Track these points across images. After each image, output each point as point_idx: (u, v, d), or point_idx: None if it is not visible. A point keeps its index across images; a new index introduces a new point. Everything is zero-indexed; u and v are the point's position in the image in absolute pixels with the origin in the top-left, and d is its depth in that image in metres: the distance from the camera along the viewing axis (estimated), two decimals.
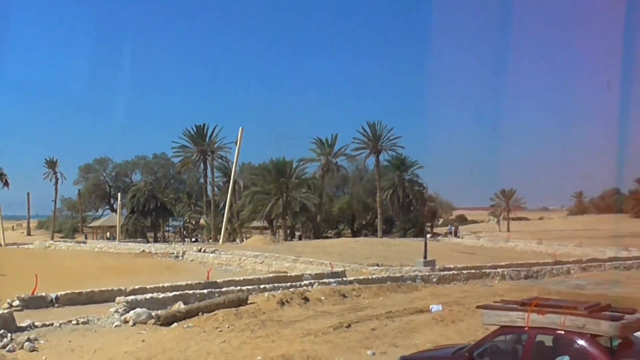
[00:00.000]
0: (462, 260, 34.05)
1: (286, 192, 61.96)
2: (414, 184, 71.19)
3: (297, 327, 14.95)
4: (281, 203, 61.48)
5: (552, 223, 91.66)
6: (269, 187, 62.77)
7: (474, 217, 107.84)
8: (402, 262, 31.10)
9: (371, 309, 17.65)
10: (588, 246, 44.55)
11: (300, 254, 35.65)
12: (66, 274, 27.24)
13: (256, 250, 38.49)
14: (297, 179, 65.01)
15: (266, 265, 32.04)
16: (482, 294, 20.73)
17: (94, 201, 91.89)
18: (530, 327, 8.42)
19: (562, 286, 24.70)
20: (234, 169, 58.15)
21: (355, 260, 32.55)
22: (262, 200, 62.74)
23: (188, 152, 70.19)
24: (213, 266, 31.05)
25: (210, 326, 15.15)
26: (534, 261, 33.35)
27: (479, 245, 51.22)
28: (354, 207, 75.28)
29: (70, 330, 14.87)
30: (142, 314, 16.04)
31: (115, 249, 45.07)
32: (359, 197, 75.43)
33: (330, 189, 78.47)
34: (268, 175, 64.18)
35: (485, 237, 60.29)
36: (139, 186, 76.60)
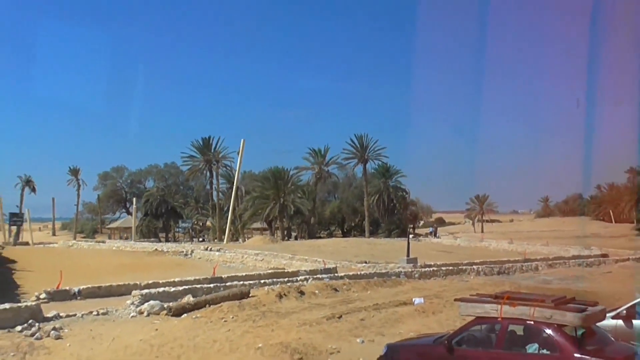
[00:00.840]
0: (441, 258, 34.09)
1: (283, 197, 61.94)
2: (398, 190, 71.31)
3: (293, 318, 14.94)
4: (279, 207, 61.46)
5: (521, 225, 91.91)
6: (267, 192, 62.70)
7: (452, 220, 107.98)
8: (387, 260, 31.12)
9: (360, 302, 17.64)
10: (554, 245, 44.72)
11: (296, 253, 35.61)
12: (87, 270, 27.11)
13: (257, 249, 38.40)
14: (293, 186, 65.01)
15: (266, 262, 31.98)
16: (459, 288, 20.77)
17: (112, 205, 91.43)
18: (503, 318, 8.45)
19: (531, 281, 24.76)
20: (236, 177, 58.08)
21: (346, 258, 32.54)
22: (261, 205, 62.68)
23: (195, 161, 69.99)
24: (218, 263, 30.96)
25: (216, 317, 15.11)
26: (505, 259, 33.45)
27: (456, 245, 51.30)
28: (344, 211, 75.30)
29: (91, 320, 14.81)
30: (155, 306, 15.98)
31: (130, 248, 44.84)
32: (349, 201, 75.42)
33: (323, 194, 78.42)
34: (267, 182, 64.16)
35: (461, 238, 60.40)
36: (152, 192, 76.37)
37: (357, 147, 67.38)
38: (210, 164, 68.68)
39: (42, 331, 13.11)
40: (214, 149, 68.64)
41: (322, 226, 76.14)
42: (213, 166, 68.83)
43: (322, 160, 69.08)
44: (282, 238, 60.29)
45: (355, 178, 78.31)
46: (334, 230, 78.36)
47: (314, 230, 69.58)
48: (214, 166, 68.84)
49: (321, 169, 69.07)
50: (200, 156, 69.06)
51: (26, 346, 11.94)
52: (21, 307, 14.23)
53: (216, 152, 68.50)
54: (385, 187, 69.46)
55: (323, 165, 69.28)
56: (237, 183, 58.98)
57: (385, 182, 69.91)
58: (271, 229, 66.28)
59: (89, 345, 12.32)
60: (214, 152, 68.48)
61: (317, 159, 69.05)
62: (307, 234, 67.48)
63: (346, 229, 77.20)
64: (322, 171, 69.31)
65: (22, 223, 63.49)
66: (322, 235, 71.42)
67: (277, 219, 63.28)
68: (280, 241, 53.85)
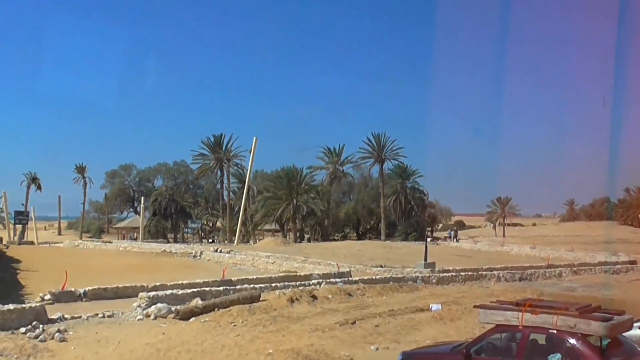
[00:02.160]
0: (460, 262, 33.91)
1: (296, 197, 61.98)
2: (415, 191, 71.00)
3: (305, 323, 14.94)
4: (291, 208, 61.50)
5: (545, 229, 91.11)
6: (280, 193, 62.79)
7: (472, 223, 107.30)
8: (403, 264, 31.04)
9: (375, 307, 17.60)
10: (579, 251, 44.30)
11: (309, 255, 35.61)
12: (93, 271, 27.33)
13: (268, 251, 38.46)
14: (307, 186, 65.00)
15: (277, 265, 32.01)
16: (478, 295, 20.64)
17: (119, 204, 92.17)
18: (524, 326, 8.37)
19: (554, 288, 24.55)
20: (248, 176, 58.29)
21: (360, 262, 32.49)
22: (273, 205, 62.78)
23: (206, 159, 70.35)
24: (228, 265, 31.05)
25: (225, 321, 15.16)
26: (527, 264, 33.17)
27: (476, 249, 50.99)
28: (359, 212, 75.11)
29: (97, 322, 14.92)
30: (163, 309, 16.06)
31: (138, 249, 45.13)
32: (364, 202, 75.23)
33: (337, 195, 78.34)
34: (279, 182, 64.26)
35: (482, 242, 60.01)
36: (161, 191, 76.83)
37: (374, 147, 67.27)
38: (221, 163, 68.99)
39: (46, 333, 13.22)
40: (225, 147, 68.96)
41: (336, 228, 76.07)
42: (224, 165, 69.14)
43: (337, 159, 69.02)
44: (295, 240, 60.31)
45: (371, 178, 78.19)
46: (349, 233, 78.22)
47: (328, 233, 69.53)
48: (225, 165, 69.15)
49: (336, 168, 69.02)
50: (211, 154, 69.38)
51: (30, 348, 12.05)
52: (25, 308, 14.35)
53: (227, 151, 68.81)
54: (403, 188, 69.24)
55: (338, 164, 69.24)
56: (249, 182, 59.17)
57: (403, 183, 69.70)
58: (283, 230, 66.36)
59: (94, 349, 12.41)
60: (225, 150, 68.78)
61: (331, 158, 69.01)
62: (321, 236, 67.45)
63: (361, 231, 77.06)
64: (337, 171, 69.25)
65: (28, 222, 64.06)
66: (336, 238, 71.36)
67: (290, 221, 63.34)
68: (293, 243, 53.89)
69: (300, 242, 59.27)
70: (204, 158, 70.50)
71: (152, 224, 72.64)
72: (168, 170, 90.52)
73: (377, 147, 67.03)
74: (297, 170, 64.44)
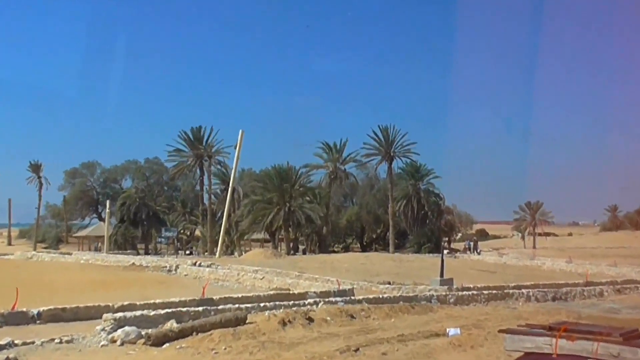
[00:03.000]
0: (482, 279, 33.92)
1: (289, 201, 62.04)
2: (430, 195, 71.16)
3: (300, 350, 14.90)
4: (284, 213, 61.54)
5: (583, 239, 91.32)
6: (270, 195, 62.84)
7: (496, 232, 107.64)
8: (416, 280, 31.02)
9: (382, 332, 17.58)
10: (624, 266, 44.30)
11: (304, 270, 35.61)
12: (49, 287, 27.26)
13: (256, 265, 38.46)
14: (302, 187, 65.14)
15: (267, 281, 31.99)
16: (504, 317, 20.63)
17: (81, 209, 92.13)
18: (559, 355, 8.34)
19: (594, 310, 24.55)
20: (232, 176, 58.30)
21: (365, 278, 32.49)
22: (263, 210, 62.77)
23: (183, 156, 70.45)
24: (209, 281, 31.00)
25: (205, 347, 15.11)
26: (562, 281, 33.18)
27: (501, 263, 51.04)
28: (364, 219, 75.24)
29: (53, 349, 14.86)
30: (131, 333, 16.01)
31: (102, 262, 45.10)
32: (369, 207, 75.38)
33: (338, 198, 78.47)
34: (270, 182, 64.29)
35: (508, 254, 60.10)
36: (130, 193, 76.75)
37: (381, 142, 67.43)
38: (201, 160, 69.09)
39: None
40: (206, 141, 69.07)
41: (336, 238, 76.17)
42: (204, 163, 69.27)
43: (338, 156, 69.16)
44: (288, 252, 60.37)
45: (378, 179, 78.40)
46: (351, 243, 78.33)
47: (327, 243, 69.62)
48: (206, 163, 69.27)
49: (336, 167, 69.13)
50: (189, 150, 69.48)
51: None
52: None
53: (209, 146, 68.90)
54: (415, 191, 69.39)
55: (339, 162, 69.39)
56: (234, 184, 59.21)
57: (415, 184, 69.86)
58: (274, 240, 66.40)
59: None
60: (206, 145, 68.87)
61: (331, 156, 69.13)
62: (318, 247, 67.52)
63: (366, 241, 77.14)
64: (338, 170, 69.34)
65: None
66: (336, 249, 71.44)
67: (282, 229, 63.39)
68: (285, 255, 53.94)
69: (294, 254, 59.28)
70: (181, 155, 70.59)
71: (119, 233, 72.52)
72: (138, 168, 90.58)
73: (385, 143, 67.21)
74: (290, 168, 64.58)
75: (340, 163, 69.59)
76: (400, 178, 71.16)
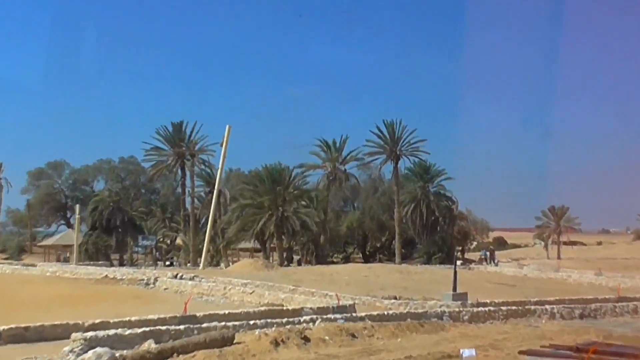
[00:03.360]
0: (500, 293, 33.90)
1: (283, 206, 62.05)
2: (441, 198, 71.26)
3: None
4: (276, 219, 61.52)
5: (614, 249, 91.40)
6: (261, 199, 62.84)
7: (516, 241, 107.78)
8: (425, 295, 31.01)
9: (387, 353, 17.57)
10: None
11: (300, 283, 35.58)
12: (11, 303, 27.17)
13: (245, 278, 38.40)
14: (297, 190, 65.19)
15: (257, 296, 31.96)
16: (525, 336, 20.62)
17: (46, 214, 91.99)
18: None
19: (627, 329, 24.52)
20: (218, 177, 58.18)
21: (368, 292, 32.47)
22: (253, 216, 62.80)
23: (163, 155, 70.42)
24: (192, 296, 30.95)
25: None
26: (591, 296, 33.15)
27: (521, 276, 51.04)
28: (367, 226, 75.27)
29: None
30: (104, 355, 15.97)
31: (71, 274, 44.96)
32: (373, 213, 75.40)
33: (338, 202, 78.53)
34: (261, 184, 64.31)
35: (529, 265, 60.07)
36: (102, 196, 76.68)
37: (386, 139, 67.53)
38: (182, 159, 69.10)
39: None
40: (188, 138, 69.11)
41: (335, 247, 76.22)
42: (187, 162, 69.27)
43: (338, 155, 69.26)
44: (281, 263, 60.36)
45: (382, 181, 78.51)
46: (352, 253, 78.35)
47: (325, 253, 69.69)
48: (188, 162, 69.27)
49: (336, 167, 69.22)
50: (170, 148, 69.50)
51: None
52: None
53: (191, 143, 68.93)
54: (424, 194, 69.48)
55: (338, 162, 69.52)
56: (220, 186, 59.09)
57: (425, 187, 69.96)
58: (265, 249, 66.40)
59: None
60: (189, 142, 68.93)
61: (330, 154, 69.22)
62: (315, 258, 67.53)
63: (369, 250, 77.18)
64: (337, 171, 69.45)
65: None
66: (335, 260, 71.47)
67: (274, 236, 63.39)
68: (278, 267, 53.88)
69: (287, 266, 59.28)
70: (160, 153, 70.58)
71: (90, 241, 72.43)
72: (112, 169, 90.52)
73: (391, 140, 67.34)
74: (284, 169, 64.67)
75: (340, 163, 69.67)
76: (408, 180, 71.20)
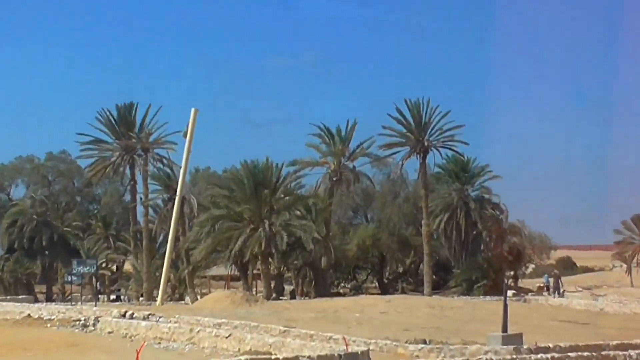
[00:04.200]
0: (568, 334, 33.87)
1: (269, 217, 61.77)
2: (485, 205, 71.13)
3: None
4: (261, 236, 61.20)
5: None
6: (240, 208, 62.59)
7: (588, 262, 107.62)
8: (465, 337, 31.00)
9: None
10: None
11: (294, 322, 35.49)
12: None
13: (219, 316, 38.32)
14: (289, 196, 64.91)
15: (236, 340, 31.85)
16: None
17: None
18: None
19: None
20: (181, 179, 58.07)
21: (387, 334, 32.38)
22: (228, 231, 62.49)
23: (105, 149, 70.28)
24: (146, 342, 30.90)
25: None
26: None
27: (596, 310, 50.98)
28: (384, 244, 74.92)
29: None
30: None
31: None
32: (393, 226, 75.21)
33: (344, 212, 78.53)
34: (239, 188, 63.97)
35: (607, 296, 59.95)
36: (23, 207, 76.62)
37: (409, 125, 67.28)
38: (132, 156, 68.91)
39: None
40: (140, 127, 68.83)
41: (342, 273, 76.15)
42: (138, 159, 68.94)
43: (344, 148, 68.85)
44: (268, 295, 60.17)
45: (405, 183, 78.25)
46: (365, 281, 78.25)
47: (327, 281, 69.47)
48: (141, 159, 68.93)
49: (341, 164, 68.93)
50: (114, 140, 69.32)
51: None
52: None
53: (145, 133, 68.78)
54: (463, 200, 69.34)
55: (345, 157, 69.18)
56: (183, 191, 58.98)
57: (462, 190, 69.91)
58: (246, 277, 66.31)
59: None
60: (141, 132, 68.70)
61: (333, 147, 68.82)
62: (315, 288, 67.46)
63: (388, 278, 77.20)
64: (343, 169, 69.13)
65: None
66: (342, 291, 71.37)
67: (258, 259, 63.22)
68: (264, 301, 53.74)
69: (277, 299, 59.24)
70: (102, 147, 70.51)
71: (6, 268, 72.37)
72: (36, 168, 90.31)
73: (416, 126, 67.03)
74: (270, 167, 64.12)
75: (347, 158, 69.31)
76: (440, 180, 71.13)
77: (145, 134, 68.84)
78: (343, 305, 47.46)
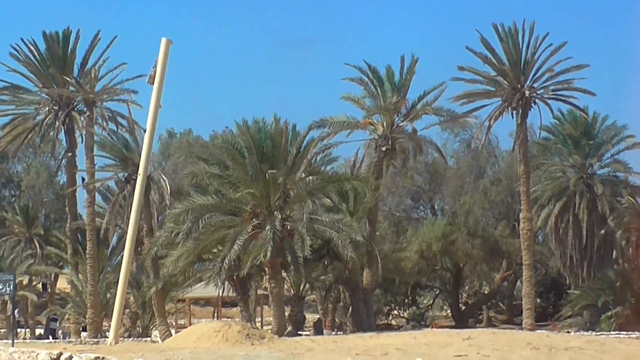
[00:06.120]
0: None
1: (283, 208, 61.86)
2: (620, 190, 70.83)
3: None
4: (271, 236, 61.18)
5: None
6: (238, 194, 62.65)
7: None
8: None
9: None
10: None
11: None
12: None
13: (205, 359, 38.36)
14: (313, 174, 64.78)
15: None
16: None
17: None
18: None
19: None
20: (145, 149, 57.84)
21: None
22: (220, 230, 62.63)
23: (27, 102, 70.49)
24: None
25: None
26: None
27: None
28: (461, 250, 75.20)
29: None
30: None
31: None
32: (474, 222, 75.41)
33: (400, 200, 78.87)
34: (236, 163, 63.99)
35: None
36: None
37: (501, 63, 67.13)
38: (70, 112, 69.01)
39: None
40: (80, 66, 68.99)
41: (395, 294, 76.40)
42: (78, 118, 69.05)
43: (400, 100, 68.70)
44: (280, 328, 60.32)
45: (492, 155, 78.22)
46: (431, 307, 78.59)
47: (372, 306, 69.63)
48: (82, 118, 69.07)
49: (394, 126, 68.85)
50: (41, 88, 69.47)
51: None
52: None
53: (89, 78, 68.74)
54: (584, 182, 69.24)
55: (399, 116, 69.10)
56: (149, 168, 58.88)
57: (585, 165, 69.66)
58: (246, 300, 66.47)
59: None
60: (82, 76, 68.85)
61: (381, 98, 68.69)
62: (353, 317, 67.64)
63: (467, 301, 77.41)
64: (397, 134, 69.01)
65: None
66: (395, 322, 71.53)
67: (265, 273, 63.33)
68: (274, 337, 53.71)
69: (295, 335, 59.19)
70: (21, 100, 70.74)
71: None
72: None
73: (512, 65, 66.99)
74: (282, 131, 64.03)
75: (403, 116, 69.33)
76: (548, 151, 70.99)
77: (91, 79, 68.84)
78: (397, 344, 47.18)
